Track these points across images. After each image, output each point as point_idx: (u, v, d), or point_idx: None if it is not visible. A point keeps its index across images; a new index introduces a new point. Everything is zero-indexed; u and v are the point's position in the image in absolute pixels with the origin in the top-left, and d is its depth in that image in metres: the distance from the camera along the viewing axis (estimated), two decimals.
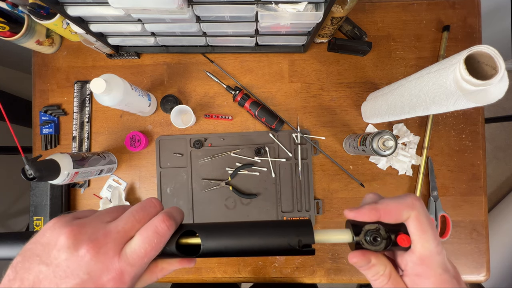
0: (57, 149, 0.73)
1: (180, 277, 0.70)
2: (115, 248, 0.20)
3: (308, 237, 0.23)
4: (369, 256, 0.24)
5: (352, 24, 0.69)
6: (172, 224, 0.22)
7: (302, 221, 0.24)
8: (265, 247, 0.23)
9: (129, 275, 0.20)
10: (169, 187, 0.71)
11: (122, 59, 0.73)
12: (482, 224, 0.69)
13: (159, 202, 0.24)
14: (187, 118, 0.73)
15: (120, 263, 0.20)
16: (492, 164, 1.48)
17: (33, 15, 0.61)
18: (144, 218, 0.22)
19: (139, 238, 0.21)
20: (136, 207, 0.23)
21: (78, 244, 0.19)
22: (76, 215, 0.22)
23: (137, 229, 0.22)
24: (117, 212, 0.23)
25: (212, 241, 0.23)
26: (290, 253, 0.23)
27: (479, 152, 0.69)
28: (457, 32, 0.70)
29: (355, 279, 0.69)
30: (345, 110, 0.71)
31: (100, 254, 0.20)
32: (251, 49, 0.70)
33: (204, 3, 0.49)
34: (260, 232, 0.23)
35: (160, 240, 0.21)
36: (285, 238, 0.23)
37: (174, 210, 0.24)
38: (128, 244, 0.21)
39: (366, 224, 0.24)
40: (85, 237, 0.20)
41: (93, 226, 0.21)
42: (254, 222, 0.24)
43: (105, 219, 0.22)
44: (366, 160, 0.70)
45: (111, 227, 0.21)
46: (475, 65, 0.37)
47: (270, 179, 0.70)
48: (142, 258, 0.21)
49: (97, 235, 0.20)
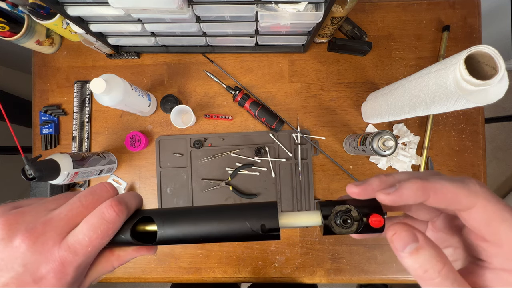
0: (57, 149, 0.73)
1: (180, 277, 0.70)
2: (55, 237, 0.19)
3: (272, 221, 0.21)
4: (415, 234, 0.18)
5: (352, 24, 0.69)
6: (122, 209, 0.20)
7: (266, 203, 0.22)
8: (225, 233, 0.21)
9: (72, 265, 0.19)
10: (169, 187, 0.71)
11: (122, 59, 0.73)
12: None
13: (112, 186, 0.22)
14: (187, 118, 0.73)
15: (60, 252, 0.18)
16: (492, 164, 1.48)
17: (33, 15, 0.61)
18: (93, 203, 0.20)
19: (83, 226, 0.19)
20: (85, 192, 0.21)
21: (12, 234, 0.18)
22: (17, 204, 0.21)
23: (84, 215, 0.20)
24: (64, 199, 0.21)
25: (169, 228, 0.21)
26: (253, 238, 0.21)
27: (479, 152, 0.69)
28: (457, 32, 0.70)
29: (355, 279, 0.69)
30: (345, 110, 0.71)
31: (37, 244, 0.18)
32: (251, 49, 0.70)
33: (204, 3, 0.49)
34: (220, 217, 0.21)
35: (108, 227, 0.20)
36: (246, 223, 0.21)
37: (127, 195, 0.22)
38: (72, 232, 0.19)
39: (336, 205, 0.21)
40: (21, 226, 0.18)
41: (33, 214, 0.19)
42: (215, 206, 0.22)
43: (49, 206, 0.20)
44: (366, 160, 0.70)
45: (53, 215, 0.19)
46: (475, 65, 0.37)
47: (270, 179, 0.70)
48: (86, 247, 0.19)
49: (35, 223, 0.19)
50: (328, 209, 0.21)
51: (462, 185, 0.18)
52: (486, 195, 0.18)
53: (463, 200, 0.18)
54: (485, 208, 0.18)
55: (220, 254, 0.70)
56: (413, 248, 0.17)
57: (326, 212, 0.21)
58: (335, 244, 0.69)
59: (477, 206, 0.18)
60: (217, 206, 0.22)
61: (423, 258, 0.17)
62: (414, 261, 0.17)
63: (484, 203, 0.18)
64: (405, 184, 0.19)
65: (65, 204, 0.20)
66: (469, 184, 0.19)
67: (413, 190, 0.18)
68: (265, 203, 0.22)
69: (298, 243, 0.70)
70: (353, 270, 0.69)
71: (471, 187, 0.18)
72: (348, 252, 0.69)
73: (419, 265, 0.17)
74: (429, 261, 0.17)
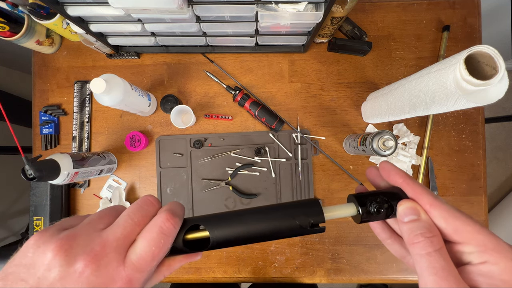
0: (57, 149, 0.73)
1: (180, 277, 0.70)
2: (117, 258, 0.18)
3: (319, 216, 0.23)
4: (418, 210, 0.22)
5: (352, 24, 0.69)
6: (177, 221, 0.21)
7: (309, 201, 0.24)
8: (275, 230, 0.22)
9: (139, 282, 0.19)
10: (169, 187, 0.71)
11: (122, 59, 0.73)
12: (482, 224, 0.68)
13: (156, 200, 0.23)
14: (187, 118, 0.73)
15: (127, 271, 0.18)
16: (492, 164, 1.48)
17: (33, 15, 0.61)
18: (144, 219, 0.21)
19: (144, 242, 0.19)
20: (132, 208, 0.21)
21: (71, 260, 0.17)
22: (61, 225, 0.20)
23: (137, 232, 0.20)
24: (109, 216, 0.21)
25: (220, 231, 0.22)
26: (301, 233, 0.23)
27: (479, 152, 0.69)
28: (457, 32, 0.70)
29: (355, 279, 0.69)
30: (345, 110, 0.71)
31: (101, 266, 0.17)
32: (251, 49, 0.70)
33: (204, 3, 0.49)
34: (269, 216, 0.23)
35: (167, 240, 0.20)
36: (295, 221, 0.22)
37: (175, 205, 0.23)
38: (131, 249, 0.19)
39: (369, 196, 0.24)
40: (78, 250, 0.18)
41: (85, 236, 0.19)
42: (259, 208, 0.24)
43: (98, 226, 0.20)
44: (366, 160, 0.70)
45: (108, 235, 0.19)
46: (475, 65, 0.37)
47: (270, 179, 0.70)
48: (151, 262, 0.19)
49: (93, 245, 0.18)
50: (363, 200, 0.24)
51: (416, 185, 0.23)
52: (429, 197, 0.22)
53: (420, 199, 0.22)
54: (438, 208, 0.21)
55: (220, 254, 0.70)
56: (413, 218, 0.21)
57: (362, 202, 0.24)
58: (335, 244, 0.69)
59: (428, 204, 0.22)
60: (261, 208, 0.24)
61: (418, 224, 0.21)
62: (411, 226, 0.21)
63: (430, 200, 0.22)
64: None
65: (117, 223, 0.20)
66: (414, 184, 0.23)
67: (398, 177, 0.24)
68: (308, 200, 0.24)
69: (298, 243, 0.70)
70: (353, 270, 0.69)
71: (416, 188, 0.23)
72: (348, 252, 0.69)
73: (413, 230, 0.21)
74: (422, 227, 0.21)
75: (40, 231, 0.19)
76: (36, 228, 0.66)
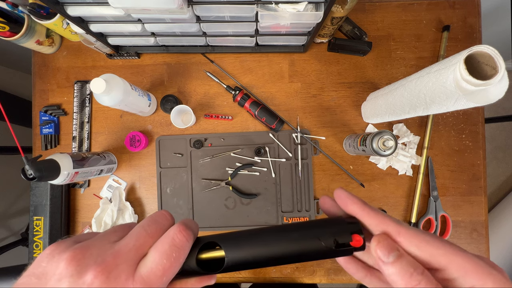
0: (57, 149, 0.73)
1: None
2: (128, 270, 0.18)
3: (345, 236, 0.20)
4: (394, 243, 0.20)
5: (352, 24, 0.69)
6: (190, 234, 0.20)
7: (334, 219, 0.22)
8: (299, 251, 0.20)
9: None
10: (169, 187, 0.71)
11: (122, 59, 0.73)
12: (482, 224, 0.69)
13: (170, 214, 0.22)
14: (187, 118, 0.73)
15: (135, 285, 0.17)
16: (492, 164, 1.48)
17: (33, 15, 0.61)
18: (157, 232, 0.20)
19: (155, 254, 0.19)
20: (146, 220, 0.21)
21: (82, 270, 0.17)
22: (77, 238, 0.20)
23: (150, 244, 0.20)
24: (123, 230, 0.21)
25: (237, 252, 0.20)
26: (326, 256, 0.21)
27: (479, 152, 0.69)
28: (457, 32, 0.70)
29: (355, 279, 0.69)
30: (345, 110, 0.71)
31: (110, 278, 0.17)
32: (251, 49, 0.70)
33: (204, 3, 0.49)
34: (291, 236, 0.21)
35: (179, 254, 0.19)
36: (322, 242, 0.20)
37: (188, 220, 0.22)
38: (142, 262, 0.19)
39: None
40: (90, 261, 0.17)
41: (98, 248, 0.18)
42: (280, 226, 0.21)
43: (111, 238, 0.20)
44: (366, 160, 0.70)
45: (120, 246, 0.19)
46: (475, 65, 0.37)
47: (270, 179, 0.70)
48: (161, 277, 0.18)
49: (104, 256, 0.18)
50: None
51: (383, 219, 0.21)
52: (395, 225, 0.20)
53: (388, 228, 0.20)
54: (407, 235, 0.19)
55: None
56: (396, 256, 0.19)
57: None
58: None
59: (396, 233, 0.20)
60: (282, 226, 0.22)
61: (405, 262, 0.18)
62: (399, 267, 0.18)
63: (397, 228, 0.20)
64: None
65: (130, 234, 0.20)
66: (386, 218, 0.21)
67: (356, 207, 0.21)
68: (332, 219, 0.22)
69: None
70: None
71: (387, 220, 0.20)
72: None
73: (405, 270, 0.18)
74: (411, 265, 0.18)
75: (56, 242, 0.19)
76: (36, 227, 0.66)
